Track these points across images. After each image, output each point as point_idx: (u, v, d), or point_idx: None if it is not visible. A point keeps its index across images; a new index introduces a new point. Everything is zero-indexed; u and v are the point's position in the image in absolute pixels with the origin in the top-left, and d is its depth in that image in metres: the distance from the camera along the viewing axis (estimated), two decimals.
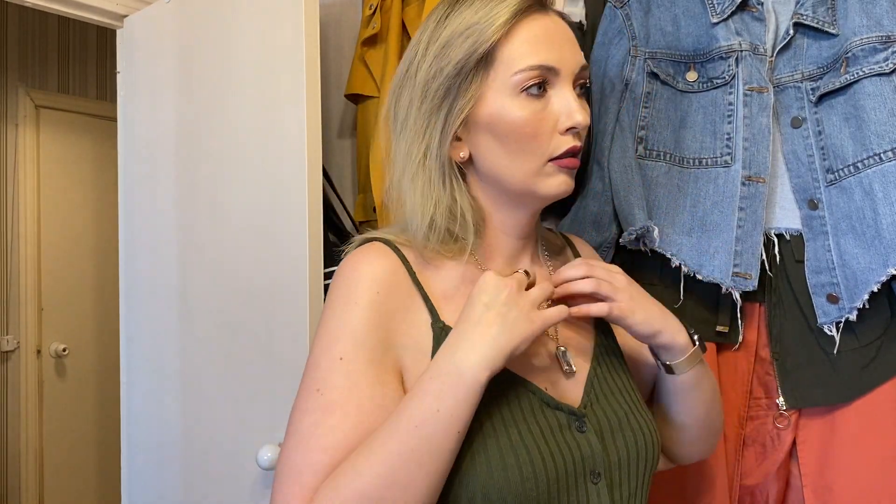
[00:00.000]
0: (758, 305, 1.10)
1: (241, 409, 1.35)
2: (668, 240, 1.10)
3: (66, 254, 3.22)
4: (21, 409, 3.04)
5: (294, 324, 1.23)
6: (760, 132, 1.08)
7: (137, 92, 1.69)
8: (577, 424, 0.75)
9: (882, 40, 1.03)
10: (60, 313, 3.20)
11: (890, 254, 0.97)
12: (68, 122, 3.26)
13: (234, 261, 1.38)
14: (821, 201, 1.06)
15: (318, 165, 1.24)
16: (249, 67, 1.35)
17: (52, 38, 3.24)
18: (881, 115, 1.01)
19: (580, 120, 0.75)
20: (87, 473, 3.26)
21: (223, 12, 1.42)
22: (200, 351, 1.47)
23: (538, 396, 0.75)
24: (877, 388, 1.02)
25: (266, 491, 1.29)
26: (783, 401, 1.07)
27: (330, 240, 1.47)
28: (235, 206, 1.38)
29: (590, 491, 0.73)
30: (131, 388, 1.70)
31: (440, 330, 0.75)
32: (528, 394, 0.75)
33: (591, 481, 0.73)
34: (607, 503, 0.74)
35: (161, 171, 1.60)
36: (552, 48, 0.75)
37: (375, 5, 1.51)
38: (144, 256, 1.66)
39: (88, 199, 3.30)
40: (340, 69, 1.71)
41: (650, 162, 1.15)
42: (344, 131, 1.75)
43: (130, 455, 1.70)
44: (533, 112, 0.75)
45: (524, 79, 0.74)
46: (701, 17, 1.15)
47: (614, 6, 1.21)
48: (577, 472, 0.72)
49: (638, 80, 1.17)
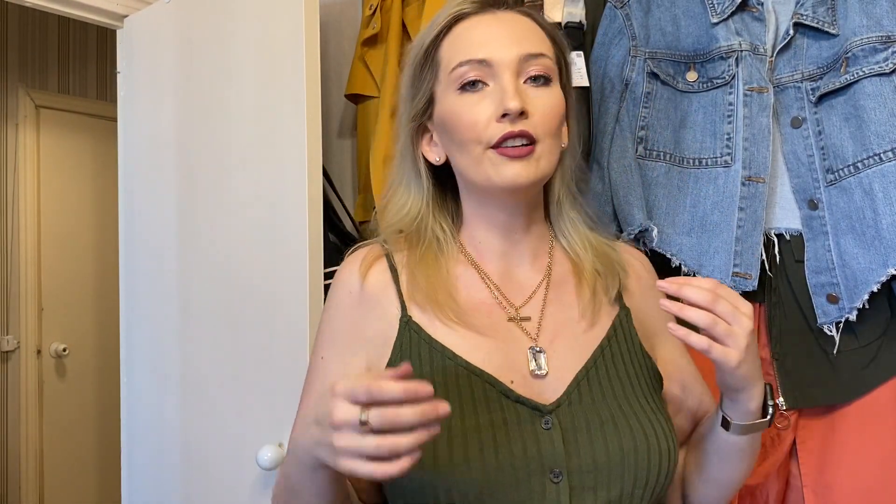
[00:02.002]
0: (758, 305, 1.10)
1: (241, 410, 1.35)
2: (668, 240, 1.10)
3: (67, 254, 3.22)
4: (21, 409, 3.04)
5: (294, 324, 1.23)
6: (760, 132, 1.08)
7: (137, 92, 1.69)
8: (542, 421, 0.74)
9: (882, 40, 1.03)
10: (60, 313, 3.20)
11: (890, 254, 0.97)
12: (68, 123, 3.26)
13: (234, 261, 1.38)
14: (821, 201, 1.06)
15: (318, 165, 1.24)
16: (249, 67, 1.35)
17: (52, 38, 3.24)
18: (881, 115, 1.01)
19: (510, 106, 0.75)
20: (87, 473, 3.27)
21: (223, 12, 1.42)
22: (200, 351, 1.47)
23: (497, 388, 0.76)
24: (877, 388, 1.02)
25: (266, 491, 1.29)
26: (783, 401, 1.07)
27: (330, 240, 1.47)
28: (235, 205, 1.38)
29: (547, 488, 0.72)
30: (131, 388, 1.70)
31: (405, 324, 0.80)
32: (486, 385, 0.76)
33: (551, 480, 0.72)
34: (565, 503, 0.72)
35: (161, 171, 1.60)
36: (485, 43, 0.79)
37: (375, 5, 1.51)
38: (145, 256, 1.66)
39: (88, 200, 3.30)
40: (340, 69, 1.71)
41: (650, 162, 1.15)
42: (344, 131, 1.75)
43: (130, 455, 1.70)
44: (469, 104, 0.78)
45: (458, 75, 0.79)
46: (701, 18, 1.15)
47: (614, 6, 1.21)
48: (532, 467, 0.72)
49: (638, 80, 1.17)
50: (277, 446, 1.22)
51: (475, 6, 0.82)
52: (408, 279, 0.82)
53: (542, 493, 0.72)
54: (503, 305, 0.83)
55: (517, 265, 0.85)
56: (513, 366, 0.78)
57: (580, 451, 0.74)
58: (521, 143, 0.77)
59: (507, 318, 0.82)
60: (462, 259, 0.85)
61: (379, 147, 1.43)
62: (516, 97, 0.76)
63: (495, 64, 0.78)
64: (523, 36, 0.80)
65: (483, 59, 0.78)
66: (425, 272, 0.82)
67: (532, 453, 0.73)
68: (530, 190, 0.82)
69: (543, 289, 0.85)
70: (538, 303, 0.83)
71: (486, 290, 0.84)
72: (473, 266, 0.85)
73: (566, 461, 0.73)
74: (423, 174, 0.86)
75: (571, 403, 0.76)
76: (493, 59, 0.78)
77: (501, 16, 0.82)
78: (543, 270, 0.86)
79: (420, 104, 0.83)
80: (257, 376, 1.31)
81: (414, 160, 0.86)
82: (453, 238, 0.86)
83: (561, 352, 0.81)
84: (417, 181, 0.86)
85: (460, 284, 0.83)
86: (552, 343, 0.81)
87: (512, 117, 0.76)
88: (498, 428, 0.73)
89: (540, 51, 0.80)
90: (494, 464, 0.72)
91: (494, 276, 0.84)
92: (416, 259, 0.83)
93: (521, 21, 0.82)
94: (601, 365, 0.80)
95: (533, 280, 0.85)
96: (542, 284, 0.85)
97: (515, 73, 0.78)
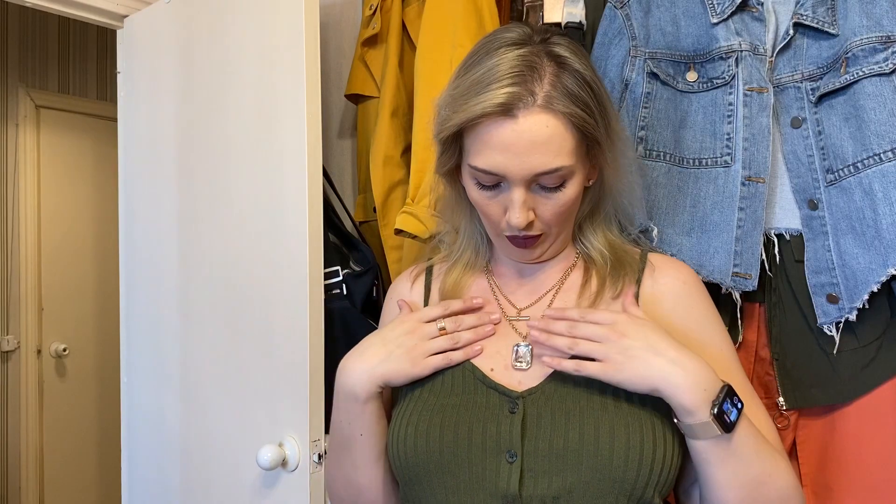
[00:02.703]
0: (757, 305, 1.10)
1: (241, 409, 1.35)
2: (668, 240, 1.10)
3: (67, 254, 3.22)
4: (21, 409, 3.04)
5: (294, 324, 1.23)
6: (760, 132, 1.08)
7: (137, 92, 1.69)
8: (509, 406, 0.80)
9: (882, 40, 1.03)
10: (60, 313, 3.20)
11: (890, 254, 0.98)
12: (68, 122, 3.25)
13: (234, 261, 1.38)
14: (821, 201, 1.06)
15: (318, 165, 1.24)
16: (249, 67, 1.35)
17: (52, 38, 3.24)
18: (881, 116, 1.01)
19: (513, 223, 0.81)
20: (88, 473, 3.27)
21: (223, 12, 1.42)
22: (201, 351, 1.47)
23: (474, 375, 0.84)
24: (876, 388, 1.02)
25: (266, 491, 1.29)
26: (783, 401, 1.07)
27: (330, 240, 1.47)
28: (235, 205, 1.38)
29: (501, 468, 0.77)
30: (131, 388, 1.70)
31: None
32: (465, 370, 0.85)
33: (506, 460, 0.77)
34: (515, 484, 0.76)
35: (161, 170, 1.60)
36: (500, 157, 0.79)
37: (375, 5, 1.51)
38: (145, 256, 1.66)
39: (89, 199, 3.30)
40: (340, 69, 1.71)
41: (650, 162, 1.15)
42: (344, 131, 1.75)
43: (130, 455, 1.70)
44: (484, 198, 0.84)
45: (473, 173, 0.83)
46: (701, 18, 1.15)
47: (614, 6, 1.21)
48: (488, 446, 0.78)
49: (638, 81, 1.17)
50: (277, 446, 1.22)
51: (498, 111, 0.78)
52: (440, 286, 0.95)
53: (496, 471, 0.77)
54: (504, 307, 0.91)
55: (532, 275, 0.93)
56: (496, 357, 0.86)
57: (538, 435, 0.77)
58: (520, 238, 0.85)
59: (507, 318, 0.90)
60: (482, 270, 0.96)
61: (379, 147, 1.43)
62: (521, 213, 0.81)
63: (510, 178, 0.80)
64: (542, 149, 0.78)
65: (496, 172, 0.80)
66: (450, 280, 0.94)
67: (491, 433, 0.78)
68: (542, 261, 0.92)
69: (553, 293, 0.90)
70: (543, 305, 0.89)
71: (491, 294, 0.93)
72: (486, 274, 0.95)
73: (522, 444, 0.77)
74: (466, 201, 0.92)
75: (545, 393, 0.81)
76: (506, 174, 0.80)
77: (522, 123, 0.77)
78: (558, 277, 0.92)
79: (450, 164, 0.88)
80: (257, 376, 1.31)
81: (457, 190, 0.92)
82: (486, 253, 0.96)
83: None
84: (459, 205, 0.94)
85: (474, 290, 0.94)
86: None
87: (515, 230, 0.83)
88: (466, 408, 0.81)
89: (555, 166, 0.79)
90: (453, 439, 0.79)
91: (504, 282, 0.94)
92: (448, 268, 0.96)
93: (542, 127, 0.78)
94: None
95: (545, 286, 0.91)
96: (554, 289, 0.91)
97: (527, 185, 0.81)
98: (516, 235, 0.85)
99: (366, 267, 1.44)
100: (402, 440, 0.82)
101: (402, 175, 1.43)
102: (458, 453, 0.79)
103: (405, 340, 0.86)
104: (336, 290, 1.40)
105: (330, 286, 1.38)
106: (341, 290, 1.41)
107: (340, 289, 1.41)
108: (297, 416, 1.21)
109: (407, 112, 1.45)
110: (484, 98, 0.77)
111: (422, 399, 0.84)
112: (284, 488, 1.25)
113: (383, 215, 1.43)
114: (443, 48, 1.29)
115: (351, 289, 1.41)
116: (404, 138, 1.44)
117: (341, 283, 1.41)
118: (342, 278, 1.41)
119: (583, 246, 0.93)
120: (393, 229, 1.28)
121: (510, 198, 0.81)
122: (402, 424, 0.83)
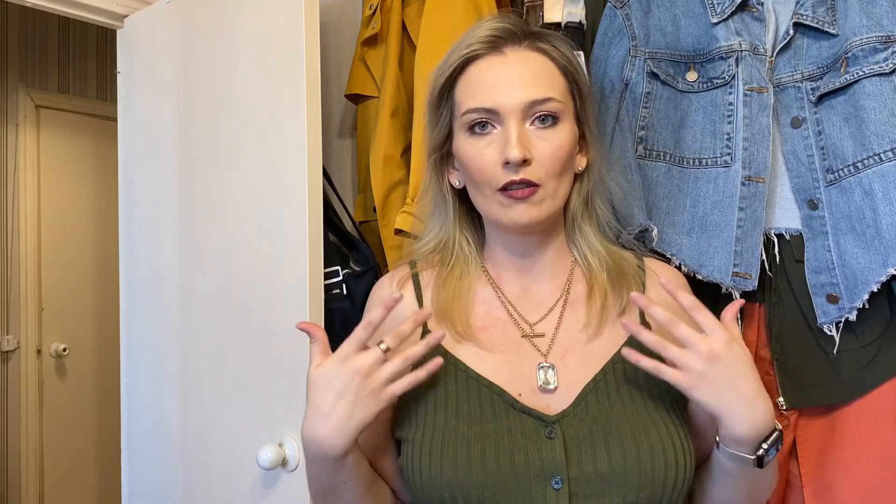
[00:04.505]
0: (757, 305, 1.10)
1: (241, 409, 1.35)
2: (668, 240, 1.10)
3: (67, 254, 3.22)
4: (21, 409, 3.04)
5: (294, 323, 1.22)
6: (760, 132, 1.08)
7: (137, 92, 1.69)
8: (546, 431, 0.78)
9: (882, 40, 1.03)
10: (60, 313, 3.20)
11: (890, 254, 0.97)
12: (68, 122, 3.25)
13: (234, 261, 1.38)
14: (821, 201, 1.06)
15: (318, 165, 1.24)
16: (249, 67, 1.35)
17: (52, 38, 3.24)
18: (881, 115, 1.01)
19: (510, 156, 0.79)
20: (88, 473, 3.27)
21: (223, 12, 1.42)
22: (201, 351, 1.47)
23: (504, 399, 0.80)
24: (877, 388, 1.02)
25: (266, 491, 1.29)
26: (783, 401, 1.07)
27: (330, 240, 1.47)
28: (235, 206, 1.38)
29: (548, 494, 0.75)
30: (131, 388, 1.70)
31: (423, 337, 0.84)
32: (493, 395, 0.81)
33: (552, 486, 0.76)
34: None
35: (161, 170, 1.60)
36: (492, 91, 0.81)
37: (375, 5, 1.51)
38: (145, 256, 1.66)
39: (89, 199, 3.30)
40: (340, 69, 1.71)
41: (650, 162, 1.15)
42: (344, 131, 1.75)
43: (130, 455, 1.70)
44: (478, 148, 0.83)
45: (467, 120, 0.83)
46: (701, 17, 1.15)
47: (614, 6, 1.21)
48: (534, 473, 0.76)
49: (638, 80, 1.17)
50: (277, 446, 1.22)
51: (485, 47, 0.83)
52: (432, 296, 0.89)
53: (542, 498, 0.75)
54: (518, 323, 0.87)
55: (535, 282, 0.90)
56: (521, 379, 0.82)
57: (582, 459, 0.76)
58: (524, 185, 0.81)
59: (522, 335, 0.86)
60: (484, 279, 0.91)
61: (379, 147, 1.43)
62: (518, 146, 0.79)
63: (501, 111, 0.81)
64: (532, 79, 0.82)
65: (489, 107, 0.81)
66: (448, 290, 0.88)
67: (534, 461, 0.76)
68: (536, 227, 0.86)
69: (560, 306, 0.88)
70: (553, 319, 0.87)
71: (503, 308, 0.88)
72: (492, 285, 0.90)
73: (567, 469, 0.76)
74: (450, 199, 0.91)
75: (578, 415, 0.79)
76: (499, 107, 0.81)
77: (511, 57, 0.83)
78: (562, 288, 0.90)
79: (439, 137, 0.88)
80: (257, 376, 1.31)
81: (440, 185, 0.91)
82: (478, 257, 0.92)
83: (572, 366, 0.83)
84: (444, 204, 0.92)
85: (478, 301, 0.89)
86: (563, 358, 0.84)
87: (513, 165, 0.80)
88: (502, 436, 0.77)
89: (547, 95, 0.82)
90: (496, 468, 0.76)
91: (511, 295, 0.89)
92: (443, 277, 0.90)
93: (531, 62, 0.83)
94: (611, 378, 0.82)
95: (550, 298, 0.89)
96: (560, 301, 0.88)
97: (521, 118, 0.81)
98: (513, 181, 0.80)
99: (366, 267, 1.45)
100: (438, 472, 0.77)
101: (402, 175, 1.43)
102: (503, 483, 0.76)
103: (359, 383, 0.77)
104: (336, 290, 1.40)
105: (330, 286, 1.38)
106: (341, 290, 1.41)
107: (340, 289, 1.41)
108: (297, 417, 1.21)
109: (407, 112, 1.45)
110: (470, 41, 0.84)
111: (448, 427, 0.79)
112: (284, 488, 1.25)
113: (383, 215, 1.43)
114: (443, 48, 1.29)
115: (351, 289, 1.41)
116: (404, 138, 1.44)
117: (341, 283, 1.41)
118: (342, 278, 1.41)
119: (578, 248, 0.91)
120: (393, 229, 1.28)
121: (506, 134, 0.81)
122: (437, 455, 0.78)
